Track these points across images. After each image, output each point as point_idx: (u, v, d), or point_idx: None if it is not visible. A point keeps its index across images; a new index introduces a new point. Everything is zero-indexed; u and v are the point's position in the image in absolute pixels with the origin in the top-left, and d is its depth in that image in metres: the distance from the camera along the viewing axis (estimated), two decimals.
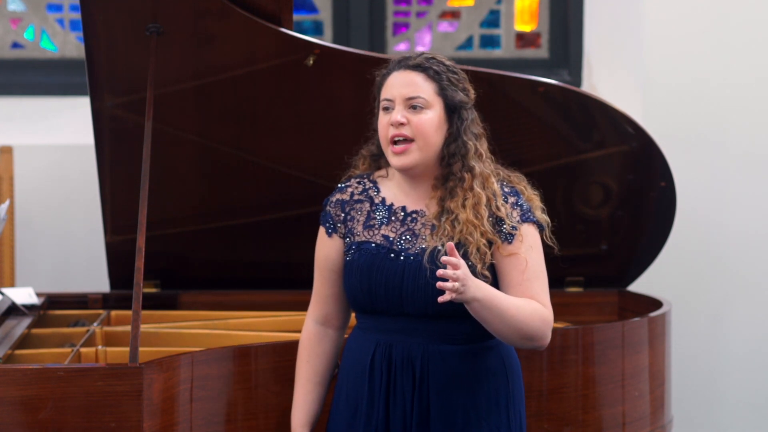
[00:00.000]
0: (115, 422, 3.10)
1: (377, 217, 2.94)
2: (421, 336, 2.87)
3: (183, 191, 4.19)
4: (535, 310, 2.86)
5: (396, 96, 2.89)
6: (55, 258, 5.27)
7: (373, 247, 2.90)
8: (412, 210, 2.93)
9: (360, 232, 2.94)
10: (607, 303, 4.47)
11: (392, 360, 2.89)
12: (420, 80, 2.90)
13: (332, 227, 2.98)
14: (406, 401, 2.87)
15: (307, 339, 3.04)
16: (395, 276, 2.87)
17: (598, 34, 5.46)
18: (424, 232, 2.90)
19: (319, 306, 3.04)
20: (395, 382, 2.88)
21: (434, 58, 2.94)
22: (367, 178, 3.00)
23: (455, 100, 2.93)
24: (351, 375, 2.96)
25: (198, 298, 4.40)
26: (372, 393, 2.90)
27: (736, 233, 5.30)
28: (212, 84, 3.92)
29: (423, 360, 2.86)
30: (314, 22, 5.64)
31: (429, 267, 2.84)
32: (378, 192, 2.97)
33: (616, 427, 3.84)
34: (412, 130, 2.88)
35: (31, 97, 5.45)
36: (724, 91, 5.26)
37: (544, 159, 4.21)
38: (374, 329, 2.92)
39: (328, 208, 3.01)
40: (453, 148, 2.92)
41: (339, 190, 3.01)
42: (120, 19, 3.72)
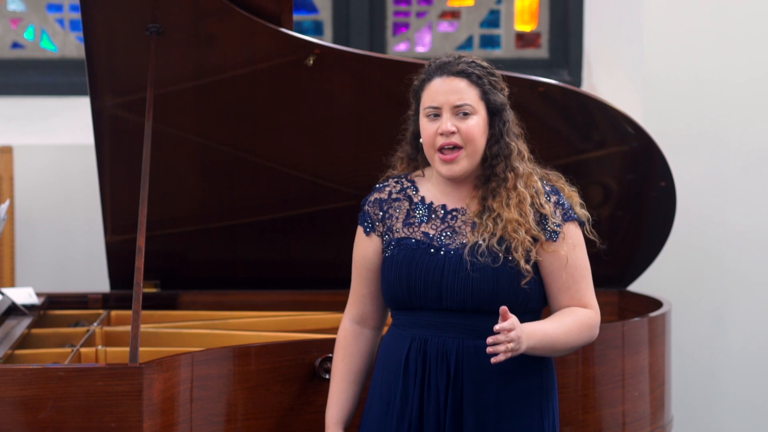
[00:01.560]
0: (115, 422, 3.10)
1: (417, 215, 2.97)
2: (457, 331, 2.90)
3: (183, 191, 4.19)
4: (582, 323, 2.93)
5: (443, 103, 2.91)
6: (55, 258, 5.27)
7: (413, 243, 2.93)
8: (452, 208, 2.96)
9: (400, 228, 2.96)
10: (607, 303, 4.47)
11: (427, 355, 2.91)
12: (464, 86, 2.93)
13: (370, 226, 3.01)
14: (440, 396, 2.90)
15: (343, 338, 3.06)
16: (435, 270, 2.89)
17: (598, 34, 5.46)
18: (465, 229, 2.93)
19: (356, 305, 3.06)
20: (429, 376, 2.91)
21: (474, 62, 2.96)
22: (404, 178, 3.03)
23: (497, 102, 2.96)
24: (386, 371, 2.98)
25: (198, 298, 4.40)
26: (406, 388, 2.92)
27: (736, 233, 5.30)
28: (212, 84, 3.92)
29: (458, 355, 2.89)
30: (314, 22, 5.64)
31: (470, 260, 2.86)
32: (417, 191, 3.00)
33: (616, 427, 3.84)
34: (462, 137, 2.90)
35: (31, 97, 5.45)
36: (723, 91, 5.26)
37: (544, 159, 4.20)
38: (410, 325, 2.94)
39: (366, 207, 3.03)
40: (496, 150, 2.95)
41: (377, 190, 3.04)
42: (120, 19, 3.72)
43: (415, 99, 3.01)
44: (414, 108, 3.01)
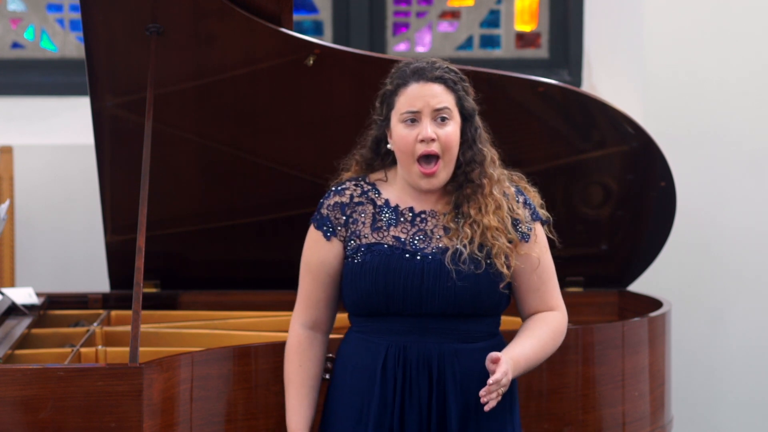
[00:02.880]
0: (115, 422, 3.10)
1: (383, 219, 2.91)
2: (437, 335, 2.87)
3: (183, 191, 4.19)
4: (555, 331, 2.95)
5: (423, 107, 2.87)
6: (55, 258, 5.27)
7: (386, 248, 2.88)
8: (421, 210, 2.92)
9: (368, 234, 2.91)
10: (607, 303, 4.47)
11: (408, 361, 2.88)
12: (441, 91, 2.90)
13: (331, 231, 2.95)
14: (422, 402, 2.87)
15: (298, 343, 3.00)
16: (414, 276, 2.85)
17: (598, 34, 5.46)
18: (438, 232, 2.90)
19: (310, 310, 3.00)
20: (411, 383, 2.88)
21: (448, 67, 2.94)
22: (363, 181, 2.97)
23: (470, 108, 2.94)
24: (354, 379, 2.93)
25: (198, 298, 4.40)
26: (384, 396, 2.88)
27: (735, 233, 5.30)
28: (212, 84, 3.92)
29: (440, 359, 2.87)
30: (314, 22, 5.64)
31: (453, 268, 2.83)
32: (379, 194, 2.95)
33: (616, 427, 3.84)
34: (441, 145, 2.86)
35: (31, 97, 5.45)
36: (723, 91, 5.26)
37: (544, 159, 4.21)
38: (383, 332, 2.90)
39: (324, 211, 2.97)
40: (470, 156, 2.92)
41: (336, 193, 2.97)
42: (120, 19, 3.72)
43: (385, 104, 2.94)
44: (383, 113, 2.95)
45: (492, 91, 4.03)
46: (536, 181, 3.15)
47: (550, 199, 4.31)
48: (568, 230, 4.37)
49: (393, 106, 2.92)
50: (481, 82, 4.00)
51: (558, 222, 4.36)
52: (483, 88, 4.02)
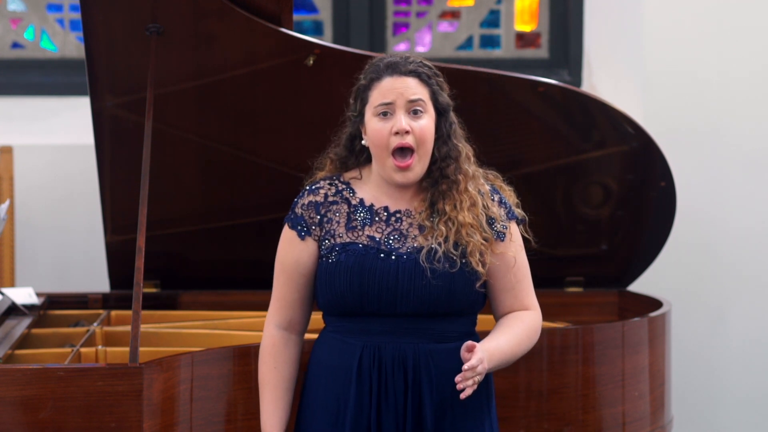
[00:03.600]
0: (115, 422, 3.10)
1: (358, 218, 2.89)
2: (412, 335, 2.86)
3: (183, 191, 4.19)
4: (531, 329, 2.93)
5: (396, 99, 2.86)
6: (55, 258, 5.27)
7: (361, 248, 2.86)
8: (396, 210, 2.91)
9: (343, 233, 2.89)
10: (607, 303, 4.47)
11: (383, 362, 2.86)
12: (416, 84, 2.88)
13: (305, 230, 2.92)
14: (398, 402, 2.86)
15: (272, 345, 2.97)
16: (389, 276, 2.84)
17: (598, 34, 5.46)
18: (413, 232, 2.88)
19: (284, 311, 2.98)
20: (386, 383, 2.86)
21: (422, 62, 2.92)
22: (337, 180, 2.95)
23: (444, 103, 2.92)
24: (329, 381, 2.91)
25: (198, 298, 4.40)
26: (360, 396, 2.87)
27: (735, 233, 5.30)
28: (212, 84, 3.92)
29: (415, 359, 2.85)
30: (314, 22, 5.64)
31: (428, 266, 2.83)
32: (353, 193, 2.93)
33: (616, 427, 3.84)
34: (415, 138, 2.84)
35: (31, 97, 5.45)
36: (723, 91, 5.26)
37: (544, 159, 4.21)
38: (358, 332, 2.88)
39: (298, 210, 2.94)
40: (445, 151, 2.90)
41: (310, 192, 2.95)
42: (120, 19, 3.72)
43: (359, 99, 2.93)
44: (357, 109, 2.94)
45: (492, 91, 4.05)
46: (536, 181, 3.15)
47: (550, 199, 4.34)
48: (568, 230, 4.39)
49: (367, 100, 2.91)
50: (481, 82, 4.02)
51: (558, 222, 4.39)
52: (483, 88, 4.04)
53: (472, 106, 4.06)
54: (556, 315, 4.35)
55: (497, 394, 3.71)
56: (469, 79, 3.99)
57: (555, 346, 3.74)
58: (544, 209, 4.35)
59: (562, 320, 4.26)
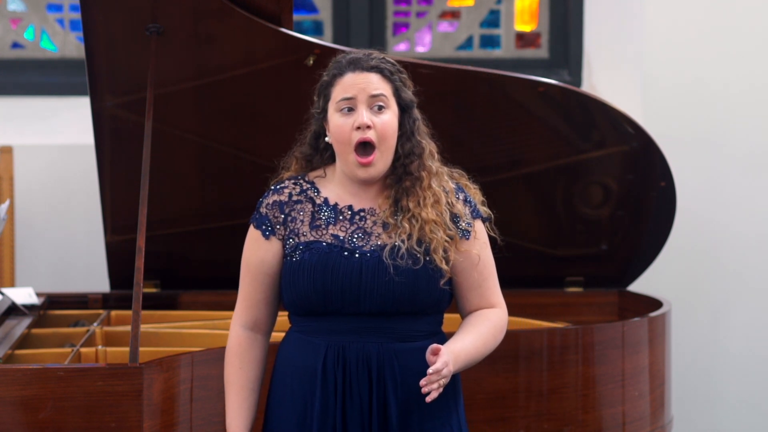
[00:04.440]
0: (115, 422, 3.10)
1: (322, 217, 2.88)
2: (376, 335, 2.85)
3: (183, 191, 4.19)
4: (496, 328, 2.91)
5: (357, 94, 2.85)
6: (55, 258, 5.27)
7: (325, 246, 2.85)
8: (360, 209, 2.89)
9: (307, 232, 2.88)
10: (607, 303, 4.47)
11: (347, 362, 2.85)
12: (378, 80, 2.87)
13: (270, 229, 2.91)
14: (363, 402, 2.85)
15: (238, 345, 2.95)
16: (352, 274, 2.82)
17: (598, 34, 5.46)
18: (376, 230, 2.87)
19: (250, 311, 2.96)
20: (351, 383, 2.85)
21: (385, 58, 2.92)
22: (302, 179, 2.94)
23: (407, 99, 2.91)
24: (295, 380, 2.89)
25: (198, 298, 4.39)
26: (326, 396, 2.85)
27: (735, 233, 5.30)
28: (212, 84, 3.92)
29: (379, 359, 2.84)
30: (314, 22, 5.64)
31: (391, 263, 2.81)
32: (318, 192, 2.91)
33: (616, 427, 3.84)
34: (377, 134, 2.83)
35: (31, 97, 5.45)
36: (723, 91, 5.26)
37: (544, 159, 4.21)
38: (323, 332, 2.87)
39: (263, 210, 2.93)
40: (409, 148, 2.89)
41: (275, 192, 2.94)
42: (120, 19, 3.72)
43: (321, 96, 2.93)
44: (320, 105, 2.93)
45: (492, 91, 4.05)
46: (534, 180, 3.14)
47: (550, 199, 4.34)
48: (568, 230, 4.39)
49: (329, 97, 2.90)
50: (481, 82, 4.02)
51: (558, 222, 4.39)
52: (483, 88, 4.04)
53: (472, 106, 4.08)
54: (556, 315, 4.35)
55: (498, 394, 3.71)
56: (469, 79, 3.99)
57: (555, 346, 3.74)
58: (544, 209, 4.35)
59: (562, 320, 4.26)
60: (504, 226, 4.32)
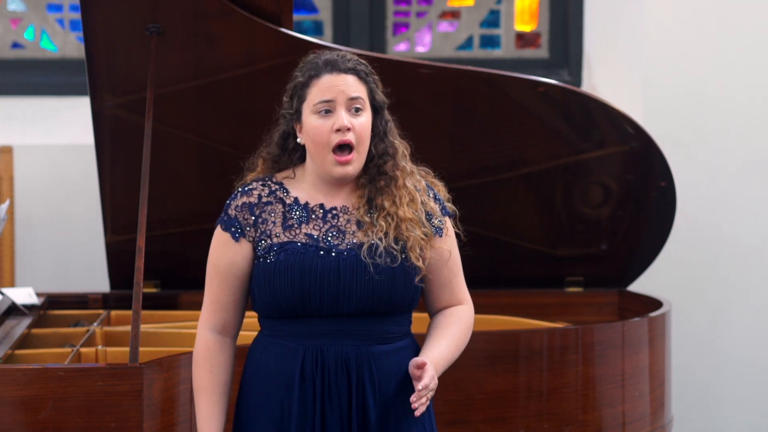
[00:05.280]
0: (115, 422, 3.10)
1: (294, 217, 2.87)
2: (353, 337, 2.84)
3: (183, 191, 4.19)
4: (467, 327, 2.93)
5: (337, 96, 2.84)
6: (55, 258, 5.27)
7: (300, 246, 2.83)
8: (332, 207, 2.88)
9: (280, 233, 2.86)
10: (607, 303, 4.47)
11: (326, 365, 2.83)
12: (354, 81, 2.87)
13: (239, 231, 2.89)
14: (342, 405, 2.84)
15: (207, 349, 2.92)
16: (330, 273, 2.81)
17: (598, 34, 5.46)
18: (350, 228, 2.86)
19: (218, 314, 2.94)
20: (330, 387, 2.84)
21: (358, 59, 2.92)
22: (270, 180, 2.93)
23: (380, 101, 2.92)
24: (271, 386, 2.87)
25: (198, 298, 4.35)
26: (304, 401, 2.84)
27: (735, 233, 5.30)
28: (212, 84, 3.92)
29: (357, 362, 2.83)
30: (314, 22, 5.64)
31: (370, 262, 2.81)
32: (287, 193, 2.90)
33: (616, 427, 3.84)
34: (355, 135, 2.83)
35: (31, 97, 5.45)
36: (724, 92, 5.26)
37: (544, 159, 4.21)
38: (299, 335, 2.85)
39: (231, 212, 2.91)
40: (382, 148, 2.89)
41: (243, 193, 2.92)
42: (120, 19, 3.72)
43: (296, 96, 2.91)
44: (293, 106, 2.92)
45: (492, 91, 4.05)
46: (536, 180, 3.14)
47: (550, 199, 4.34)
48: (568, 230, 4.39)
49: (305, 98, 2.89)
50: (481, 82, 4.02)
51: (558, 222, 4.39)
52: (483, 88, 4.04)
53: (472, 106, 4.08)
54: (556, 315, 4.35)
55: (498, 394, 3.71)
56: (469, 79, 3.99)
57: (555, 346, 3.74)
58: (544, 209, 4.35)
59: (562, 320, 4.26)
60: (504, 226, 4.35)
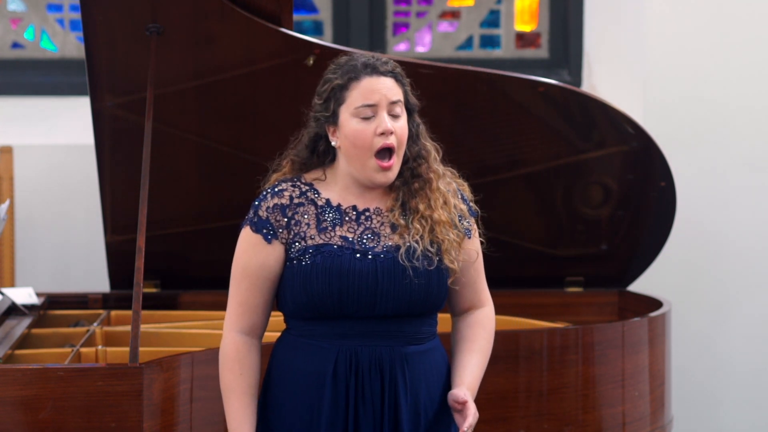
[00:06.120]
0: (115, 422, 3.10)
1: (328, 219, 2.85)
2: (387, 338, 2.84)
3: (183, 191, 4.19)
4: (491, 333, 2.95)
5: (379, 101, 2.82)
6: (55, 258, 5.27)
7: (336, 249, 2.82)
8: (364, 208, 2.87)
9: (315, 235, 2.84)
10: (607, 303, 4.48)
11: (360, 366, 2.83)
12: (394, 85, 2.86)
13: (272, 233, 2.86)
14: (375, 406, 2.83)
15: (236, 351, 2.88)
16: (369, 276, 2.80)
17: (598, 33, 5.46)
18: (384, 230, 2.86)
19: (247, 316, 2.90)
20: (363, 387, 2.83)
21: (393, 61, 2.90)
22: (299, 181, 2.91)
23: (413, 103, 2.92)
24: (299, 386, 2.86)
25: (198, 298, 4.39)
26: (336, 402, 2.83)
27: (735, 233, 5.30)
28: (212, 84, 3.92)
29: (391, 363, 2.83)
30: (314, 22, 5.64)
31: (408, 265, 2.81)
32: (318, 194, 2.88)
33: (616, 427, 3.84)
34: (396, 139, 2.83)
35: (31, 97, 5.45)
36: (724, 91, 5.26)
37: (544, 159, 4.21)
38: (332, 336, 2.84)
39: (263, 213, 2.89)
40: (416, 151, 2.89)
41: (275, 195, 2.89)
42: (120, 19, 3.72)
43: (331, 99, 2.88)
44: (328, 108, 2.89)
45: (492, 91, 4.05)
46: (536, 180, 3.14)
47: (550, 199, 4.34)
48: (568, 230, 4.39)
49: (343, 100, 2.86)
50: (481, 82, 4.02)
51: (558, 222, 4.39)
52: (483, 88, 4.04)
53: (472, 106, 4.08)
54: (556, 315, 4.35)
55: (498, 394, 3.71)
56: (469, 79, 3.99)
57: (555, 346, 3.74)
58: (544, 209, 4.35)
59: (562, 320, 4.26)
60: (504, 226, 4.34)
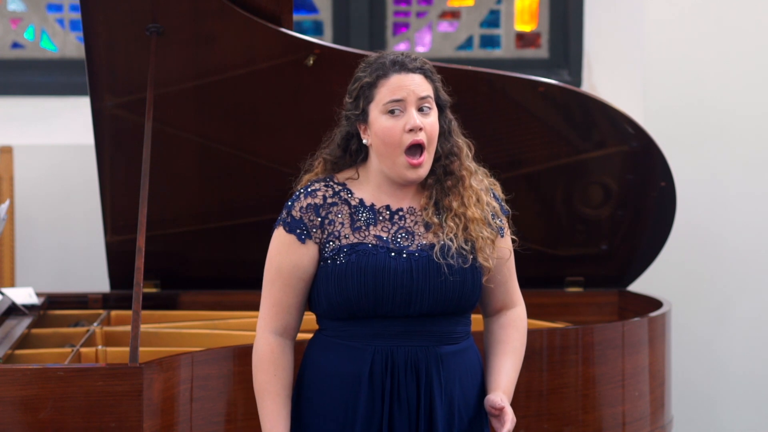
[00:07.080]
0: (115, 422, 3.10)
1: (361, 219, 2.85)
2: (422, 338, 2.84)
3: (183, 191, 4.19)
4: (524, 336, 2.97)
5: (407, 96, 2.82)
6: (55, 258, 5.27)
7: (371, 248, 2.82)
8: (398, 208, 2.87)
9: (349, 234, 2.84)
10: (607, 303, 4.48)
11: (396, 366, 2.82)
12: (423, 81, 2.85)
13: (306, 233, 2.85)
14: (411, 406, 2.83)
15: (270, 352, 2.87)
16: (404, 275, 2.80)
17: (598, 34, 5.46)
18: (419, 229, 2.86)
19: (280, 317, 2.89)
20: (399, 388, 2.83)
21: (422, 58, 2.91)
22: (331, 181, 2.90)
23: (444, 100, 2.91)
24: (333, 387, 2.85)
25: (198, 298, 4.40)
26: (372, 403, 2.82)
27: (735, 233, 5.30)
28: (212, 84, 3.92)
29: (426, 363, 2.83)
30: (314, 22, 5.64)
31: (444, 263, 2.81)
32: (351, 194, 2.88)
33: (616, 427, 3.84)
34: (426, 135, 2.82)
35: (31, 97, 5.45)
36: (724, 91, 5.26)
37: (544, 159, 4.22)
38: (367, 336, 2.83)
39: (296, 213, 2.87)
40: (448, 148, 2.89)
41: (308, 195, 2.88)
42: (120, 19, 3.72)
43: (361, 97, 2.88)
44: (359, 106, 2.88)
45: (492, 91, 4.05)
46: (536, 180, 3.15)
47: (550, 199, 4.34)
48: (568, 230, 4.39)
49: (372, 98, 2.86)
50: (481, 82, 4.02)
51: (558, 222, 4.40)
52: (483, 88, 4.05)
53: (472, 106, 4.08)
54: (556, 315, 4.35)
55: None
56: (469, 79, 3.99)
57: (555, 346, 3.74)
58: (544, 209, 4.35)
59: (562, 320, 4.26)
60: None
